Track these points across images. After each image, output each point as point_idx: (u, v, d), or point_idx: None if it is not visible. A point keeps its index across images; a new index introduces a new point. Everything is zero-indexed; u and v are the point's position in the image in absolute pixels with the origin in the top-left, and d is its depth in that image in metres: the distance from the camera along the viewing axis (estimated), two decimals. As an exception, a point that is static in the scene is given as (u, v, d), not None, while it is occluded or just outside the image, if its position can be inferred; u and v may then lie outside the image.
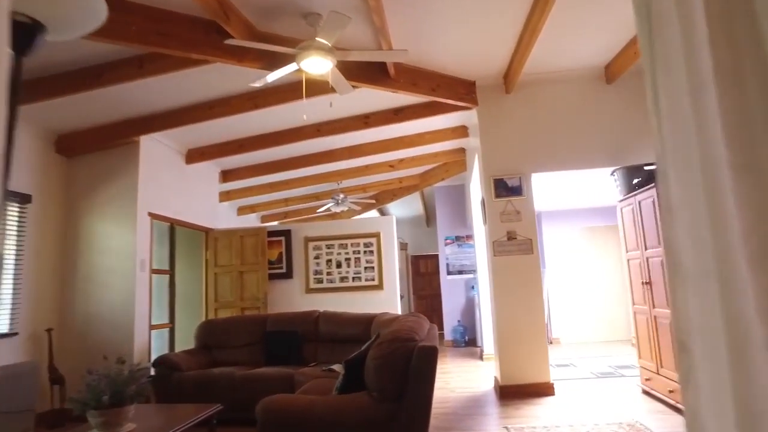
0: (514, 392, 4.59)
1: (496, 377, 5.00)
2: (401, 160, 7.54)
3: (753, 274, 0.54)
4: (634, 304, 4.53)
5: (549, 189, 6.95)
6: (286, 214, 10.73)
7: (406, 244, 11.92)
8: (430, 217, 11.89)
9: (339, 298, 6.79)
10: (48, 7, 1.19)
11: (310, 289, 6.87)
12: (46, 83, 3.93)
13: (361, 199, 8.71)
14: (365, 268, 6.79)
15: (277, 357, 4.73)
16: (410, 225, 12.24)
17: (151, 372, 4.52)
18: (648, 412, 3.86)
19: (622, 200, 4.62)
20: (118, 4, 3.22)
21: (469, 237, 8.84)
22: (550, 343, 8.06)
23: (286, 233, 7.03)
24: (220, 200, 7.79)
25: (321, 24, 3.44)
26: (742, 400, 0.57)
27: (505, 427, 3.67)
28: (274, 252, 6.99)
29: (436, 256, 11.45)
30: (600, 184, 6.93)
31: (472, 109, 5.24)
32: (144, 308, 5.10)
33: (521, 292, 4.76)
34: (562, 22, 3.98)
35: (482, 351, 6.98)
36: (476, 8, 3.65)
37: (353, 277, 6.80)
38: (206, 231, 6.81)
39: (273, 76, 3.70)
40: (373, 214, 10.93)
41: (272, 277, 6.92)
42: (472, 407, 4.33)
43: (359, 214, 10.44)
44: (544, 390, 4.57)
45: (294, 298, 6.91)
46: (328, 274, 6.86)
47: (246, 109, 4.83)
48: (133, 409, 2.73)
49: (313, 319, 4.92)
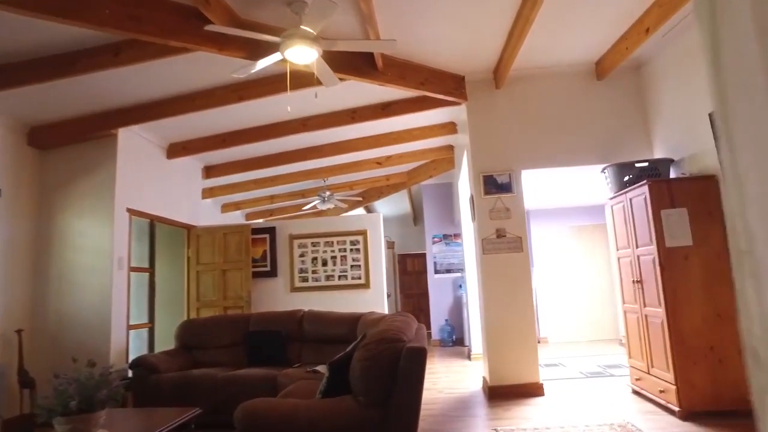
0: (503, 393, 4.51)
1: (484, 377, 4.91)
2: (389, 157, 7.42)
3: None
4: (624, 303, 4.46)
5: (537, 187, 6.89)
6: (271, 212, 10.55)
7: (393, 242, 11.81)
8: (417, 216, 11.80)
9: (325, 297, 6.66)
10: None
11: (295, 287, 6.72)
12: (14, 70, 3.73)
13: (347, 196, 8.57)
14: (351, 266, 6.66)
15: (261, 358, 4.59)
16: (397, 223, 12.13)
17: (129, 374, 4.35)
18: (638, 413, 3.80)
19: (612, 198, 4.56)
20: (91, -14, 3.05)
21: (457, 235, 8.76)
22: (538, 342, 8.00)
23: (271, 231, 6.87)
24: (203, 197, 7.60)
25: (306, 11, 3.31)
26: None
27: (495, 429, 3.57)
28: (258, 250, 6.83)
29: (424, 255, 11.37)
30: (588, 183, 6.89)
31: (461, 104, 5.14)
32: (121, 308, 4.91)
33: (511, 290, 4.67)
34: (552, 16, 3.90)
35: (470, 350, 6.90)
36: (467, -2, 3.55)
37: (339, 276, 6.67)
38: (188, 228, 6.63)
39: (256, 67, 3.56)
40: (360, 212, 10.80)
41: (256, 275, 6.77)
42: (461, 409, 4.23)
43: (346, 212, 10.31)
44: (533, 390, 4.49)
45: (278, 297, 6.75)
46: (314, 272, 6.72)
47: (229, 102, 4.67)
48: (105, 415, 2.57)
49: (298, 319, 4.78)
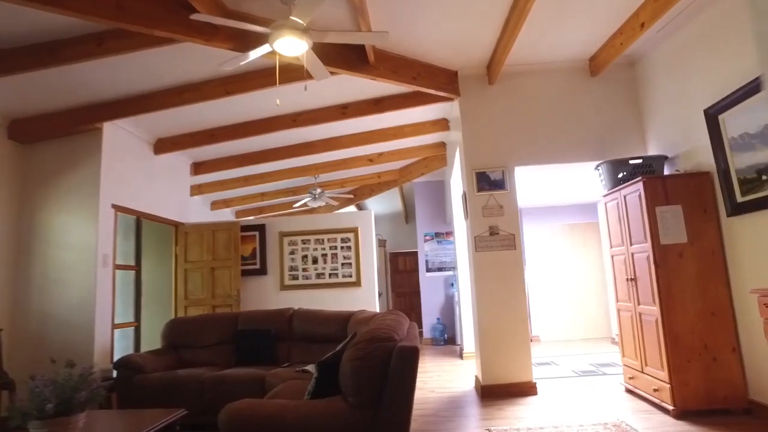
0: (496, 392, 4.45)
1: (476, 376, 4.85)
2: (380, 154, 7.34)
3: None
4: (618, 301, 4.42)
5: (529, 186, 6.85)
6: (261, 210, 10.43)
7: (385, 241, 11.74)
8: (409, 214, 11.73)
9: (315, 296, 6.57)
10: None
11: (285, 285, 6.62)
12: (-8, 60, 3.61)
13: (338, 194, 8.48)
14: (342, 264, 6.58)
15: (249, 357, 4.49)
16: (389, 221, 12.06)
17: (114, 374, 4.23)
18: (632, 412, 3.75)
19: (606, 195, 4.52)
20: (71, -28, 2.94)
21: (449, 233, 8.70)
22: (530, 341, 7.97)
23: (260, 228, 6.76)
24: (192, 194, 7.47)
25: (296, 2, 3.22)
26: None
27: (488, 429, 3.51)
28: (248, 247, 6.72)
29: (415, 253, 11.31)
30: (580, 181, 6.86)
31: (454, 100, 5.07)
32: (106, 306, 4.79)
33: (503, 288, 4.62)
34: (547, 10, 3.84)
35: (462, 349, 6.85)
36: (461, -10, 3.48)
37: (330, 274, 6.57)
38: (176, 225, 6.50)
39: (245, 59, 3.46)
40: (351, 210, 10.71)
41: (245, 273, 6.66)
42: (453, 408, 4.16)
43: (337, 209, 10.21)
44: (526, 389, 4.44)
45: (268, 296, 6.65)
46: (304, 270, 6.62)
47: (217, 96, 4.57)
48: (85, 418, 2.47)
49: (287, 318, 4.69)
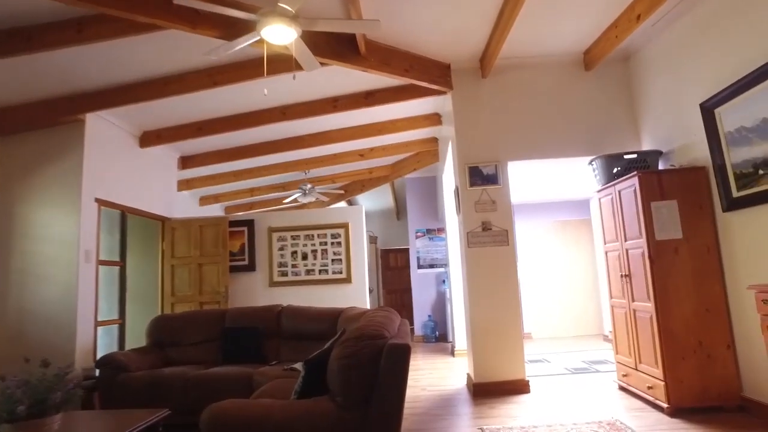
0: (488, 390, 4.38)
1: (469, 374, 4.78)
2: (371, 149, 7.24)
3: None
4: (611, 297, 4.37)
5: (521, 182, 6.79)
6: (251, 205, 10.29)
7: (376, 237, 11.65)
8: (400, 210, 11.64)
9: (305, 292, 6.47)
10: None
11: (274, 282, 6.51)
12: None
13: (329, 190, 8.37)
14: (332, 260, 6.48)
15: (236, 355, 4.38)
16: (380, 218, 11.97)
17: (96, 373, 4.11)
18: (626, 410, 3.70)
19: (600, 190, 4.45)
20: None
21: (441, 230, 8.63)
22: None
23: (249, 223, 6.64)
24: (180, 189, 7.32)
25: (284, -13, 3.12)
26: None
27: (480, 428, 3.44)
28: (236, 243, 6.60)
29: (407, 250, 11.24)
30: (572, 177, 6.81)
31: (447, 93, 4.98)
32: (89, 303, 4.65)
33: (496, 284, 4.54)
34: (541, 2, 3.76)
35: (453, 346, 6.78)
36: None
37: (320, 270, 6.47)
38: (162, 220, 6.36)
39: (231, 47, 3.35)
40: (342, 205, 10.60)
41: (234, 269, 6.54)
42: (445, 407, 4.09)
43: (327, 205, 10.10)
44: (519, 387, 4.37)
45: (257, 292, 6.54)
46: (293, 266, 6.51)
47: (204, 87, 4.44)
48: (60, 420, 2.36)
49: (276, 314, 4.58)
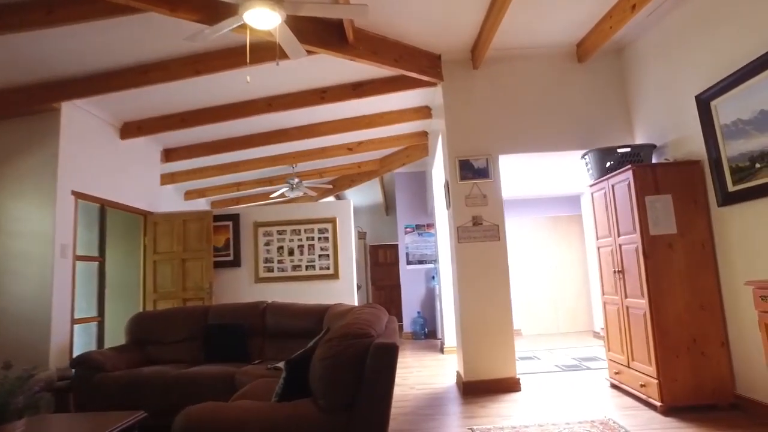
0: (479, 388, 4.29)
1: (458, 372, 4.69)
2: (360, 143, 7.10)
3: None
4: (603, 294, 4.29)
5: (511, 176, 6.70)
6: (238, 200, 10.11)
7: (365, 233, 11.52)
8: (389, 206, 11.52)
9: (291, 288, 6.32)
10: None
11: (260, 278, 6.36)
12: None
13: (317, 184, 8.22)
14: (320, 255, 6.34)
15: (219, 354, 4.23)
16: (369, 213, 11.84)
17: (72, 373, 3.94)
18: (619, 408, 3.62)
19: (593, 184, 4.37)
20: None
21: (430, 225, 8.53)
22: (511, 334, 7.87)
23: (234, 218, 6.48)
24: (164, 183, 7.13)
25: (267, -32, 2.96)
26: None
27: (470, 429, 3.34)
28: (221, 238, 6.43)
29: (396, 246, 11.12)
30: (563, 172, 6.73)
31: (437, 85, 4.86)
32: (65, 300, 4.47)
33: (487, 280, 4.44)
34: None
35: (443, 344, 6.69)
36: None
37: (307, 266, 6.33)
38: (144, 214, 6.17)
39: (213, 32, 3.19)
40: (330, 200, 10.46)
41: (218, 265, 6.38)
42: (434, 406, 3.98)
43: (315, 200, 9.95)
44: (509, 386, 4.28)
45: (242, 288, 6.38)
46: (280, 262, 6.36)
47: (186, 75, 4.28)
48: (23, 426, 2.21)
49: (260, 311, 4.44)
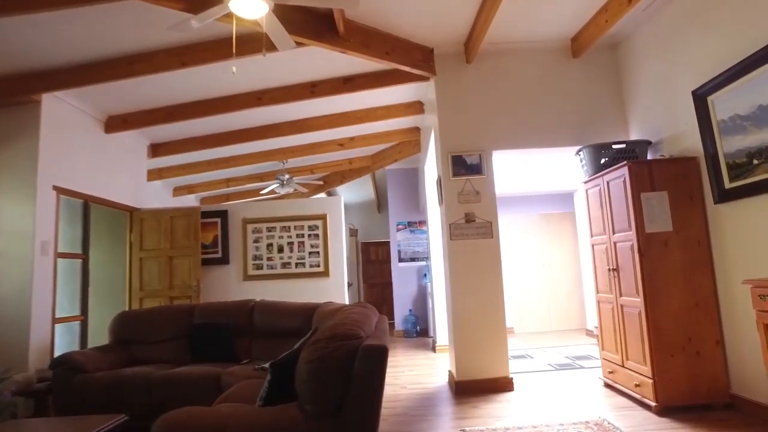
0: (471, 388, 4.21)
1: (450, 371, 4.61)
2: (351, 139, 7.00)
3: None
4: (598, 292, 4.23)
5: (503, 173, 6.64)
6: (228, 197, 9.96)
7: (356, 230, 11.42)
8: (381, 203, 11.43)
9: (281, 286, 6.21)
10: None
11: (249, 276, 6.24)
12: None
13: (308, 180, 8.10)
14: (310, 253, 6.23)
15: (205, 354, 4.12)
16: (361, 210, 11.74)
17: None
18: (613, 408, 3.56)
19: (587, 181, 4.30)
20: None
21: (422, 223, 8.45)
22: (503, 332, 7.82)
23: (223, 214, 6.35)
24: (151, 178, 6.99)
25: (254, -45, 2.85)
26: None
27: (462, 430, 3.26)
28: (209, 235, 6.30)
29: (388, 243, 11.04)
30: (556, 169, 6.69)
31: (430, 79, 4.77)
32: (45, 298, 4.33)
33: (479, 278, 4.37)
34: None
35: (435, 342, 6.62)
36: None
37: (296, 263, 6.22)
38: (130, 211, 6.03)
39: (198, 21, 3.07)
40: (321, 197, 10.34)
41: (206, 262, 6.25)
42: (426, 407, 3.90)
43: (306, 197, 9.83)
44: (502, 385, 4.21)
45: (230, 286, 6.26)
46: (269, 259, 6.25)
47: (172, 67, 4.16)
48: (-7, 430, 2.10)
49: (248, 310, 4.33)
